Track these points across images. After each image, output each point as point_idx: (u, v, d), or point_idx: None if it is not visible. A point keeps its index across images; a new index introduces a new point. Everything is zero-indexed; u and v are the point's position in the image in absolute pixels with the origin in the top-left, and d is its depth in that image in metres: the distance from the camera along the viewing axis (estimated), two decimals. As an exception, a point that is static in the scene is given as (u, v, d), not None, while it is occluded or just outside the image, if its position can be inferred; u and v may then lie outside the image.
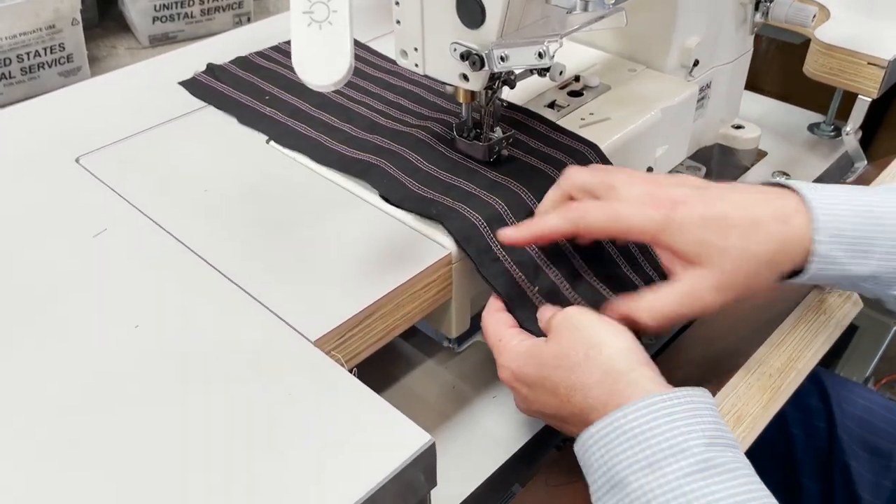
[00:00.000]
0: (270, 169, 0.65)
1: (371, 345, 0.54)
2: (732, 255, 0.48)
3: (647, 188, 0.51)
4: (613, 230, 0.51)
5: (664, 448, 0.42)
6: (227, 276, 0.54)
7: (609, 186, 0.52)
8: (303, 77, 0.47)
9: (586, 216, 0.52)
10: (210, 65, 0.80)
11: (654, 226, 0.49)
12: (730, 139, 0.89)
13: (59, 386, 0.47)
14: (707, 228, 0.48)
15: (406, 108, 0.72)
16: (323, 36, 0.46)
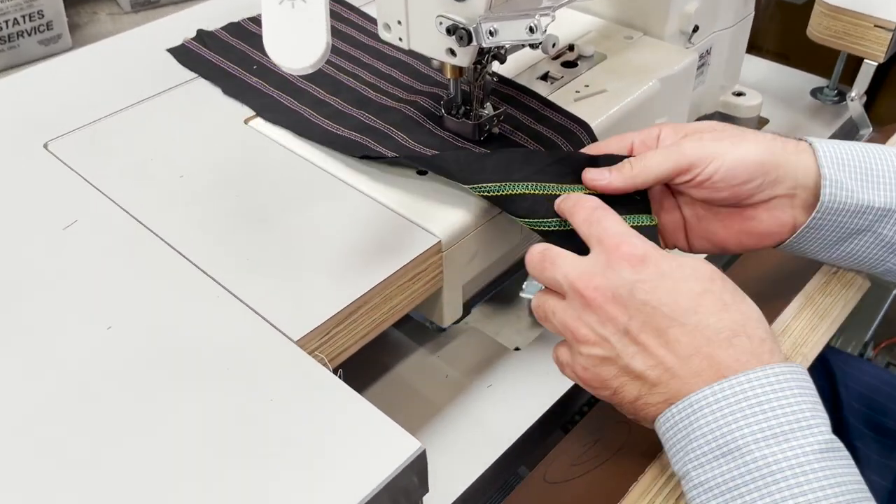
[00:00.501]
0: (250, 152, 0.62)
1: (357, 340, 0.52)
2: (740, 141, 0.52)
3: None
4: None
5: (791, 421, 0.40)
6: (204, 271, 0.52)
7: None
8: (275, 59, 0.44)
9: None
10: (200, 31, 0.76)
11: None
12: (731, 107, 0.85)
13: (25, 393, 0.44)
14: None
15: (397, 81, 0.69)
16: (296, 14, 0.43)
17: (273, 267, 0.52)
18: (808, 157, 0.52)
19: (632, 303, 0.44)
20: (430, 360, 0.63)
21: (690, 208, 0.56)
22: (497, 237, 0.59)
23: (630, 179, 0.53)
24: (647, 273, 0.45)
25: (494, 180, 0.53)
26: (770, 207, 0.53)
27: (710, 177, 0.51)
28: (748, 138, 0.52)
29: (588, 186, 0.54)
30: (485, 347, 0.65)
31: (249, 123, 0.65)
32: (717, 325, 0.43)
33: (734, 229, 0.55)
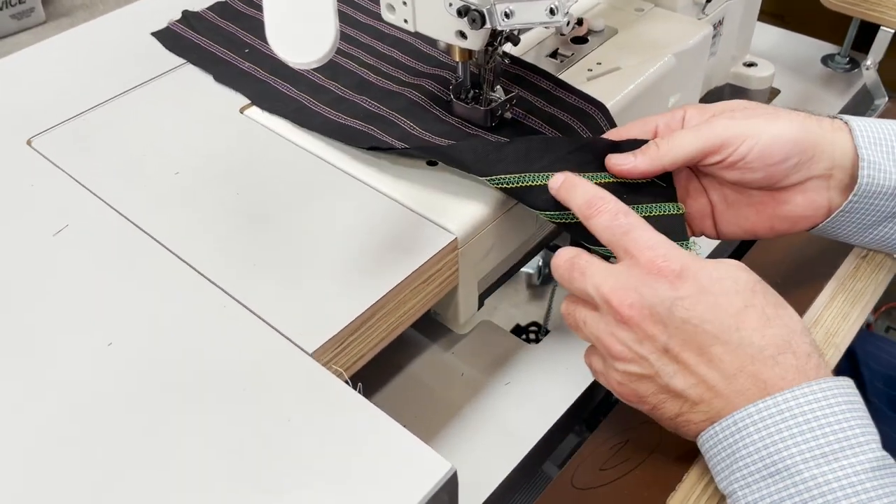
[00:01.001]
0: (248, 144, 0.59)
1: (372, 348, 0.49)
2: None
3: None
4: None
5: (840, 439, 0.38)
6: (208, 278, 0.48)
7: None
8: (278, 52, 0.40)
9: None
10: (185, 12, 0.71)
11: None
12: (742, 79, 0.82)
13: (20, 421, 0.41)
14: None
15: (399, 63, 0.65)
16: (301, 2, 0.39)
17: (280, 271, 0.49)
18: (843, 135, 0.50)
19: (671, 321, 0.42)
20: (445, 358, 0.61)
21: (719, 193, 0.53)
22: (513, 228, 0.56)
23: (657, 160, 0.50)
24: (686, 289, 0.42)
25: (513, 171, 0.50)
26: (805, 189, 0.50)
27: (743, 156, 0.49)
28: (782, 116, 0.50)
29: (612, 172, 0.51)
30: (499, 341, 0.62)
31: (245, 113, 0.61)
32: (760, 342, 0.41)
33: (766, 214, 0.52)
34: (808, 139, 0.49)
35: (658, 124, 0.53)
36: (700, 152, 0.49)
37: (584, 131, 0.58)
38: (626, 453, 0.50)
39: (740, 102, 0.52)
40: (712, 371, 0.41)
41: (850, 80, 0.87)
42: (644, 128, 0.53)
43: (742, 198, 0.53)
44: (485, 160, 0.51)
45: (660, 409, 0.44)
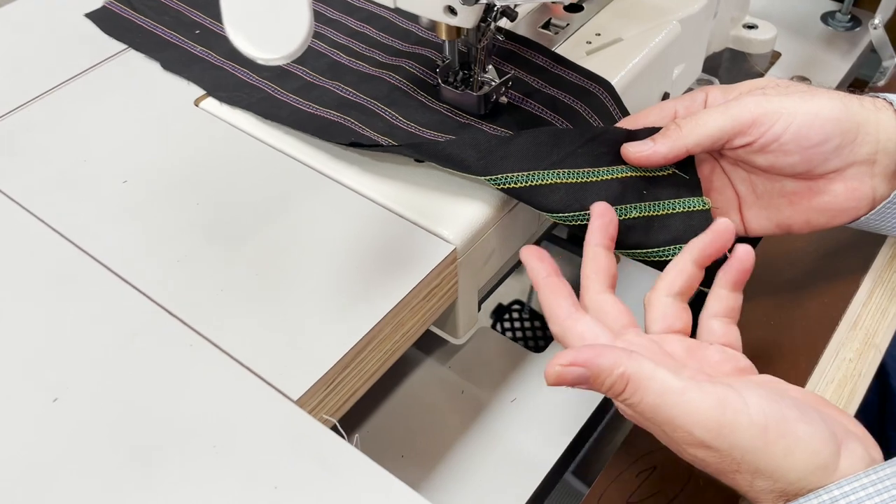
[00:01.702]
0: (206, 143, 0.51)
1: (366, 381, 0.42)
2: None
3: None
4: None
5: None
6: (168, 310, 0.41)
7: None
8: (241, 48, 0.33)
9: None
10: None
11: None
12: (743, 42, 0.76)
13: (-44, 506, 0.34)
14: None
15: (374, 41, 0.57)
16: (266, -14, 0.32)
17: (253, 298, 0.42)
18: (888, 116, 0.44)
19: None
20: (442, 374, 0.54)
21: (746, 183, 0.48)
22: (515, 229, 0.50)
23: (679, 142, 0.44)
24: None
25: (520, 169, 0.44)
26: (846, 177, 0.45)
27: (777, 136, 0.43)
28: (820, 93, 0.44)
29: (630, 161, 0.45)
30: (500, 351, 0.56)
31: (201, 105, 0.53)
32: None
33: (801, 206, 0.46)
34: (850, 118, 0.43)
35: (677, 109, 0.47)
36: (728, 132, 0.43)
37: (589, 114, 0.52)
38: (655, 483, 0.45)
39: (771, 80, 0.46)
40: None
41: (852, 40, 0.81)
42: (661, 113, 0.47)
43: (773, 188, 0.47)
44: (489, 157, 0.44)
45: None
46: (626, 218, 0.45)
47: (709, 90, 0.47)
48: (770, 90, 0.45)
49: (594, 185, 0.45)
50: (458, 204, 0.46)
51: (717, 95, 0.47)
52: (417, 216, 0.45)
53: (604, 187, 0.45)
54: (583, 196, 0.44)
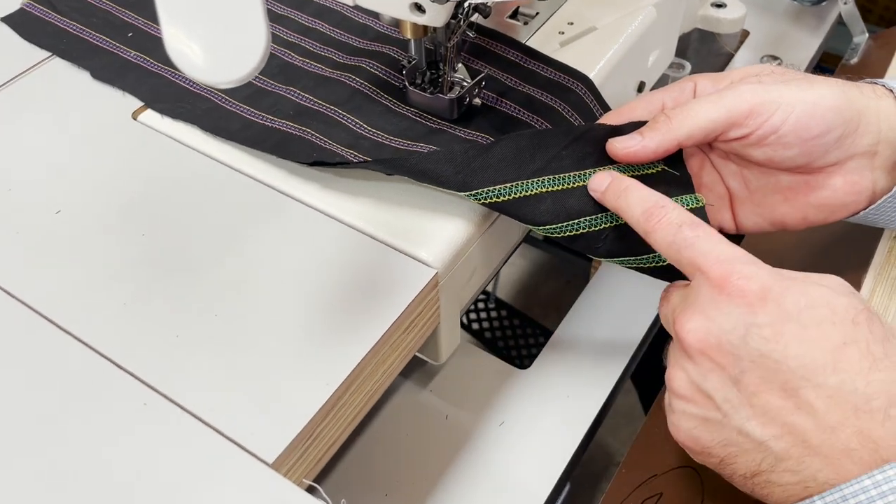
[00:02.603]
0: (150, 163, 0.45)
1: (346, 427, 0.38)
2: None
3: None
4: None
5: None
6: (118, 364, 0.36)
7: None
8: (185, 70, 0.28)
9: None
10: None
11: None
12: (711, 22, 0.73)
13: None
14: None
15: (328, 38, 0.52)
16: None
17: (216, 345, 0.37)
18: (889, 104, 0.42)
19: (745, 352, 0.33)
20: (423, 398, 0.50)
21: (738, 178, 0.45)
22: (498, 241, 0.46)
23: (670, 134, 0.41)
24: (767, 314, 0.33)
25: (502, 181, 0.40)
26: (846, 171, 0.42)
27: (776, 128, 0.40)
28: (818, 81, 0.41)
29: (617, 158, 0.42)
30: (483, 369, 0.52)
31: (139, 119, 0.48)
32: (865, 389, 0.32)
33: (798, 202, 0.43)
34: (851, 107, 0.40)
35: (664, 101, 0.43)
36: (722, 123, 0.40)
37: (568, 111, 0.48)
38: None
39: (764, 67, 0.43)
40: (804, 419, 0.32)
41: (820, 15, 0.79)
42: (648, 106, 0.43)
43: (768, 183, 0.44)
44: (467, 169, 0.40)
45: (730, 464, 0.35)
46: (618, 224, 0.41)
47: (697, 79, 0.44)
48: (765, 78, 0.42)
49: (580, 190, 0.41)
50: (435, 221, 0.42)
51: (706, 84, 0.43)
52: (392, 237, 0.41)
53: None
54: (569, 203, 0.41)
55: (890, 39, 0.70)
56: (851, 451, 0.31)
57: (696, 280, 0.35)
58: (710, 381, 0.34)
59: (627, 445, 0.46)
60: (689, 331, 0.34)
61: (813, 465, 0.32)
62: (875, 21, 1.18)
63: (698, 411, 0.35)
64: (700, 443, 0.35)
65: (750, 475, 0.34)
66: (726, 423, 0.34)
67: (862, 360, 0.32)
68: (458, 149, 0.40)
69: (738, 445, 0.34)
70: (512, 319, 1.01)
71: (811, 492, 0.32)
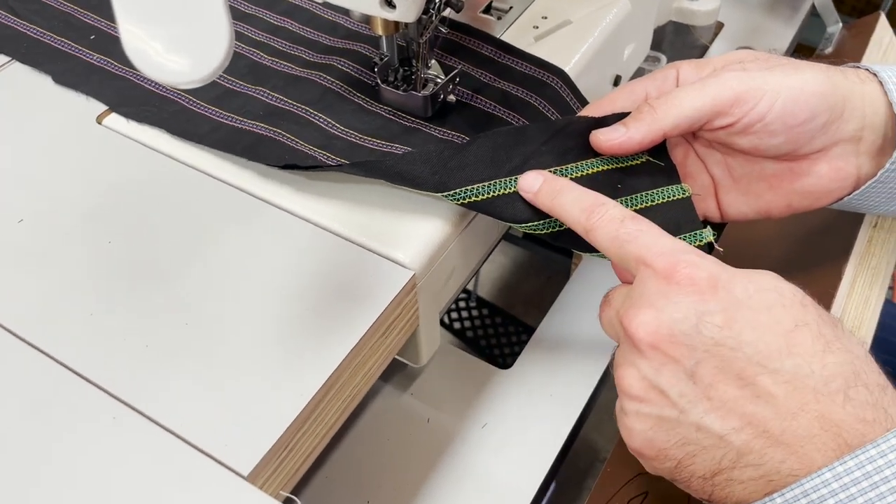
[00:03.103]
0: (116, 168, 0.44)
1: (324, 435, 0.37)
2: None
3: None
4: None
5: None
6: (85, 377, 0.35)
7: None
8: (145, 71, 0.27)
9: None
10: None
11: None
12: (686, 14, 0.72)
13: None
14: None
15: (298, 37, 0.51)
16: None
17: (187, 355, 0.36)
18: (873, 88, 0.41)
19: (698, 342, 0.32)
20: (404, 402, 0.50)
21: (722, 166, 0.44)
22: (476, 241, 0.45)
23: (655, 124, 0.40)
24: (718, 302, 0.32)
25: (479, 179, 0.39)
26: (831, 157, 0.42)
27: (762, 116, 0.39)
28: (802, 66, 0.41)
29: (601, 150, 0.41)
30: (465, 370, 0.51)
31: (104, 123, 0.46)
32: (822, 372, 0.31)
33: (783, 189, 0.43)
34: (836, 92, 0.40)
35: (647, 90, 0.43)
36: (707, 112, 0.40)
37: (545, 106, 0.47)
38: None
39: (749, 52, 0.43)
40: (763, 408, 0.32)
41: (793, 5, 0.79)
42: (631, 97, 0.43)
43: (752, 170, 0.43)
44: (443, 169, 0.39)
45: (688, 466, 0.34)
46: None
47: (679, 66, 0.43)
48: (749, 64, 0.41)
49: None
50: (411, 221, 0.41)
51: (689, 72, 0.43)
52: (367, 239, 0.40)
53: None
54: None
55: (863, 29, 0.70)
56: (814, 436, 0.31)
57: (642, 274, 0.34)
58: (664, 375, 0.33)
59: (612, 442, 0.45)
60: (639, 325, 0.33)
61: (776, 456, 0.31)
62: (848, 11, 1.18)
63: (652, 410, 0.34)
64: (655, 445, 0.34)
65: (710, 475, 0.33)
66: (683, 420, 0.33)
67: (815, 342, 0.32)
68: (434, 149, 0.39)
69: (696, 443, 0.33)
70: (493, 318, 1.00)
71: (775, 485, 0.32)
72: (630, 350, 0.34)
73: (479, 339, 0.97)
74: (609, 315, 0.37)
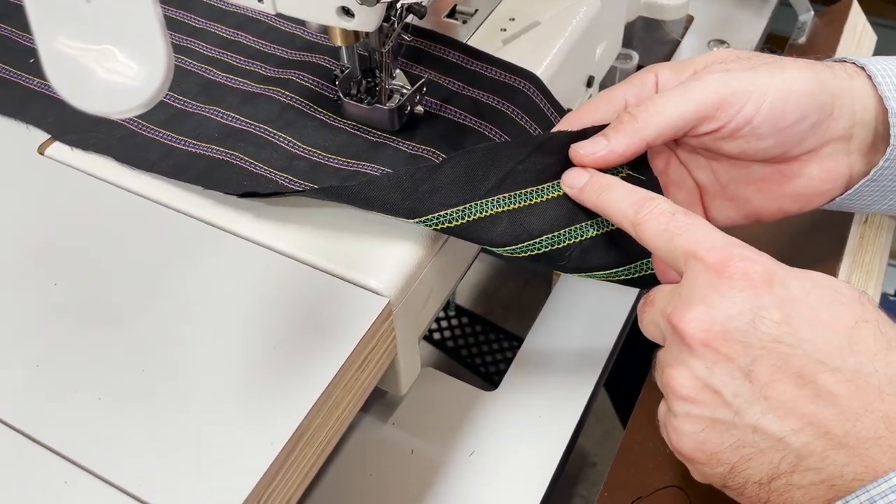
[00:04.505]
0: (61, 201, 0.41)
1: (300, 484, 0.34)
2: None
3: None
4: None
5: None
6: (31, 437, 0.32)
7: None
8: (71, 99, 0.24)
9: None
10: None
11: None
12: (655, 9, 0.70)
13: None
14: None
15: (253, 50, 0.48)
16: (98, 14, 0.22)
17: (145, 406, 0.33)
18: (862, 83, 0.39)
19: (754, 339, 0.30)
20: (386, 432, 0.47)
21: (708, 172, 0.42)
22: (453, 260, 0.43)
23: (637, 135, 0.38)
24: (773, 297, 0.30)
25: (454, 203, 0.36)
26: (821, 157, 0.40)
27: (749, 119, 0.37)
28: (787, 64, 0.39)
29: (582, 165, 0.39)
30: (448, 395, 0.49)
31: (47, 153, 0.43)
32: (886, 370, 0.29)
33: (772, 193, 0.41)
34: (825, 91, 0.38)
35: (626, 97, 0.40)
36: (691, 118, 0.37)
37: (517, 113, 0.45)
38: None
39: (730, 52, 0.41)
40: (824, 408, 0.30)
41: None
42: (610, 105, 0.40)
43: (740, 175, 0.41)
44: (415, 194, 0.36)
45: (742, 470, 0.32)
46: (582, 239, 0.38)
47: (658, 70, 0.41)
48: (731, 65, 0.39)
49: (540, 207, 0.38)
50: (383, 245, 0.38)
51: (668, 76, 0.40)
52: (337, 267, 0.37)
53: (552, 207, 0.38)
54: (529, 222, 0.37)
55: (836, 16, 0.69)
56: (879, 438, 0.29)
57: (691, 269, 0.32)
58: (717, 374, 0.31)
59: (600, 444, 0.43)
60: (690, 321, 0.31)
61: (838, 460, 0.29)
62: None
63: (705, 412, 0.31)
64: (707, 449, 0.32)
65: (767, 480, 0.31)
66: (738, 422, 0.31)
67: (877, 340, 0.30)
68: (405, 172, 0.37)
69: (752, 445, 0.31)
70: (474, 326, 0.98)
71: (837, 491, 0.29)
72: (680, 349, 0.32)
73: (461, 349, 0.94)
74: (652, 314, 0.34)
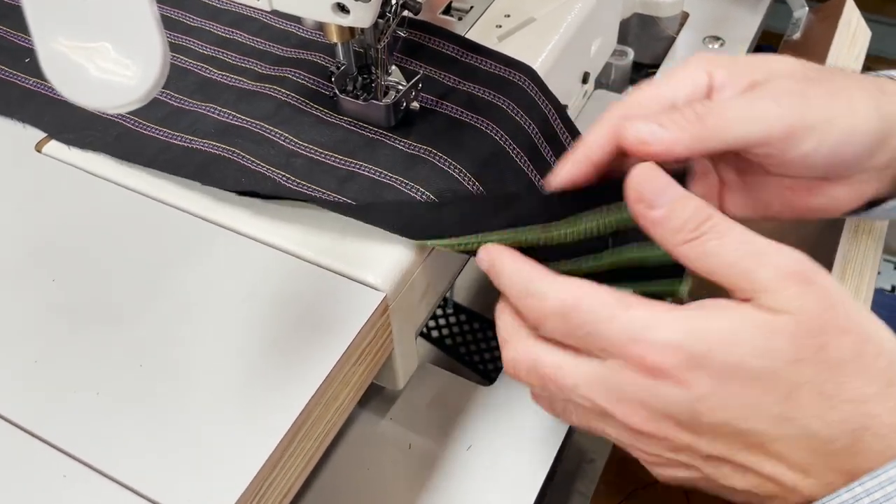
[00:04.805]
0: (59, 198, 0.41)
1: (297, 477, 0.34)
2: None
3: None
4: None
5: None
6: (30, 431, 0.32)
7: None
8: (69, 95, 0.24)
9: None
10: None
11: None
12: (651, 6, 0.71)
13: None
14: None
15: (248, 48, 0.48)
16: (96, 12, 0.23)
17: (143, 401, 0.33)
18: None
19: (701, 428, 0.30)
20: (383, 428, 0.47)
21: (734, 173, 0.40)
22: (451, 256, 0.43)
23: (701, 140, 0.34)
24: (701, 384, 0.29)
25: (458, 234, 0.36)
26: (854, 181, 0.38)
27: (805, 154, 0.35)
28: (854, 94, 0.36)
29: (634, 153, 0.34)
30: (445, 390, 0.49)
31: (44, 151, 0.43)
32: (827, 431, 0.29)
33: (796, 204, 0.39)
34: (883, 128, 0.36)
35: (676, 96, 0.36)
36: (755, 141, 0.35)
37: (510, 106, 0.45)
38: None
39: (785, 60, 0.37)
40: (780, 467, 0.30)
41: (758, -9, 0.77)
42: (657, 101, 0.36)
43: (768, 182, 0.39)
44: (411, 226, 0.37)
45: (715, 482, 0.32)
46: None
47: (710, 68, 0.37)
48: (795, 85, 0.36)
49: None
50: (379, 240, 0.38)
51: (723, 79, 0.36)
52: (334, 262, 0.38)
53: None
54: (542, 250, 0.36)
55: (831, 12, 0.69)
56: (829, 483, 0.29)
57: (610, 364, 0.31)
58: (682, 455, 0.31)
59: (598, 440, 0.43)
60: (641, 420, 0.31)
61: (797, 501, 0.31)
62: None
63: (681, 473, 0.32)
64: (676, 479, 0.33)
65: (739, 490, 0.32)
66: (711, 482, 0.32)
67: (815, 402, 0.30)
68: (406, 206, 0.37)
69: (728, 491, 0.32)
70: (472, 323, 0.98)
71: None
72: (632, 436, 0.32)
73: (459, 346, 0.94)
74: (571, 396, 0.33)
